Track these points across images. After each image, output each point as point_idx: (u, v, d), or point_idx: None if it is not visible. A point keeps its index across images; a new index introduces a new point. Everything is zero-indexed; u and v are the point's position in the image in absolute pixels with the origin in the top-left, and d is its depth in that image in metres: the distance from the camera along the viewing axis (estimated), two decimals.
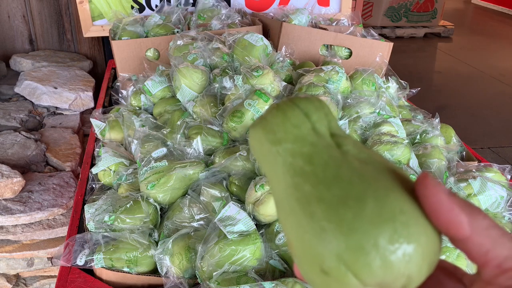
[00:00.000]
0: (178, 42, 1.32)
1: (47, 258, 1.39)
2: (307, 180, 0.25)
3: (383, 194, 0.23)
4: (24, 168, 1.50)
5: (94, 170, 1.03)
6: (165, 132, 1.05)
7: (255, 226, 0.79)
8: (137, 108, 1.27)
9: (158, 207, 0.91)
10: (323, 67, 1.14)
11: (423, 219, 0.24)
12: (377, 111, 1.05)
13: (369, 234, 0.22)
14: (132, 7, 1.81)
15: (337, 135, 0.27)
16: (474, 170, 0.96)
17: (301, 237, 0.24)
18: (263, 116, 0.29)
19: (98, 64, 2.31)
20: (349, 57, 1.45)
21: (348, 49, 1.45)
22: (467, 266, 0.77)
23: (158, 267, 0.80)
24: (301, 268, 0.25)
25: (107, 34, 1.70)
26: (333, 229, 0.23)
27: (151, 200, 0.89)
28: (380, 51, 1.44)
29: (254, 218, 0.83)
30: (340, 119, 1.01)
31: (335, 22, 1.64)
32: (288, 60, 1.28)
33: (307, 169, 0.26)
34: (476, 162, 1.08)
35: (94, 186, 1.03)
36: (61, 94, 1.84)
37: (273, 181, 0.28)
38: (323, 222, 0.23)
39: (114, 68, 1.68)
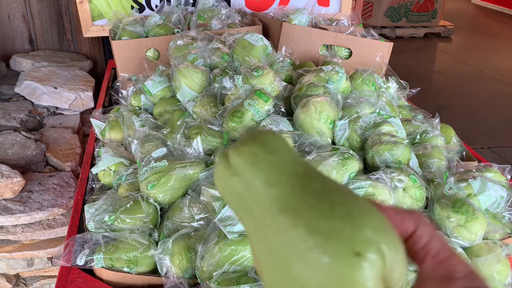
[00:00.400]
0: (178, 42, 1.32)
1: (47, 258, 1.39)
2: (315, 179, 0.29)
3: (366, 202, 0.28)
4: (24, 168, 1.50)
5: (94, 170, 1.03)
6: (165, 132, 1.05)
7: None
8: (137, 108, 1.27)
9: (158, 207, 0.91)
10: (323, 67, 1.14)
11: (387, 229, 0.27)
12: (377, 111, 1.05)
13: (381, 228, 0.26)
14: (132, 7, 1.81)
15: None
16: (474, 170, 0.96)
17: (328, 226, 0.26)
18: (246, 140, 0.31)
19: (98, 64, 2.31)
20: (349, 57, 1.45)
21: (348, 49, 1.45)
22: None
23: (158, 267, 0.80)
24: (330, 260, 0.26)
25: (107, 34, 1.70)
26: (365, 212, 0.27)
27: (151, 200, 0.89)
28: (380, 51, 1.44)
29: None
30: (340, 119, 1.01)
31: (335, 22, 1.64)
32: (288, 60, 1.28)
33: (311, 173, 0.29)
34: (476, 162, 1.08)
35: (94, 186, 1.03)
36: (61, 94, 1.84)
37: (269, 189, 0.29)
38: (349, 208, 0.27)
39: (114, 68, 1.68)
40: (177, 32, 1.53)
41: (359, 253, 0.25)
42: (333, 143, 1.03)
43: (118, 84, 1.46)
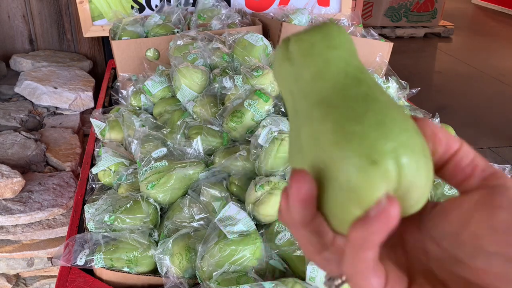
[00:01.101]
0: (178, 42, 1.32)
1: (47, 258, 1.39)
2: (362, 84, 0.28)
3: (404, 117, 0.27)
4: (24, 168, 1.50)
5: (94, 170, 1.03)
6: (165, 132, 1.05)
7: (255, 226, 0.79)
8: (137, 108, 1.27)
9: (158, 207, 0.91)
10: None
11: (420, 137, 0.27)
12: None
13: (414, 138, 0.26)
14: (132, 7, 1.81)
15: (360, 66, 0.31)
16: None
17: (351, 129, 0.26)
18: (313, 27, 0.30)
19: (98, 64, 2.31)
20: None
21: None
22: None
23: (158, 267, 0.80)
24: (337, 165, 0.26)
25: (107, 34, 1.70)
26: (391, 124, 0.25)
27: (151, 200, 0.89)
28: (380, 51, 1.44)
29: (254, 218, 0.83)
30: None
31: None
32: None
33: (361, 76, 0.28)
34: None
35: (94, 186, 1.03)
36: (61, 94, 1.84)
37: (316, 82, 0.29)
38: (381, 117, 0.26)
39: (114, 68, 1.68)
40: (177, 32, 1.53)
41: (375, 161, 0.24)
42: None
43: (118, 84, 1.46)
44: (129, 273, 0.79)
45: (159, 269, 0.79)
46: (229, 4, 1.87)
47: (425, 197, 0.26)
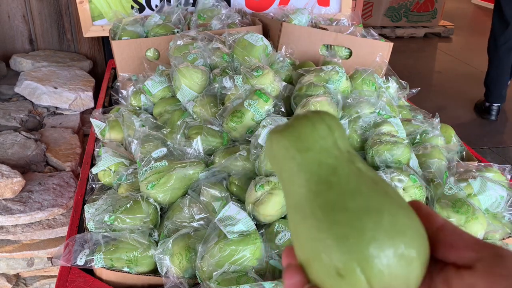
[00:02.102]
0: (178, 42, 1.32)
1: (47, 258, 1.39)
2: (332, 189, 0.28)
3: (395, 209, 0.27)
4: (24, 168, 1.50)
5: (94, 170, 1.03)
6: (165, 132, 1.05)
7: (255, 226, 0.79)
8: (137, 108, 1.27)
9: (158, 207, 0.91)
10: (323, 67, 1.14)
11: (422, 232, 0.28)
12: (377, 111, 1.05)
13: (385, 245, 0.26)
14: (132, 7, 1.81)
15: (350, 153, 0.30)
16: (474, 170, 0.96)
17: (319, 241, 0.27)
18: (290, 124, 0.31)
19: (98, 64, 2.31)
20: (349, 57, 1.45)
21: (348, 49, 1.45)
22: None
23: (158, 267, 0.80)
24: (313, 270, 0.28)
25: (107, 34, 1.70)
26: (355, 237, 0.26)
27: (151, 200, 0.89)
28: (380, 51, 1.43)
29: (254, 218, 0.83)
30: (340, 119, 1.01)
31: (335, 22, 1.64)
32: (288, 60, 1.27)
33: (332, 179, 0.28)
34: (476, 162, 1.08)
35: (94, 186, 1.03)
36: (61, 94, 1.84)
37: (291, 186, 0.31)
38: (346, 229, 0.26)
39: (114, 68, 1.68)
40: (177, 32, 1.53)
41: (342, 275, 0.26)
42: None
43: (118, 84, 1.46)
44: (129, 273, 0.79)
45: (159, 269, 0.79)
46: (229, 4, 1.87)
47: (413, 285, 0.27)
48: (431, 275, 0.29)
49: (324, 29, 1.51)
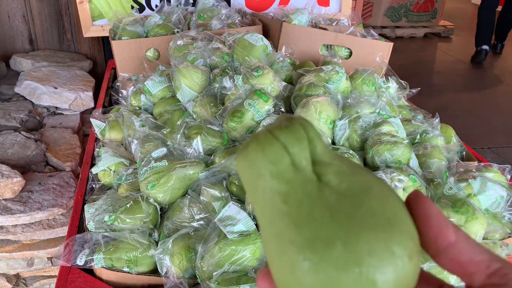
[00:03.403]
0: (178, 42, 1.32)
1: (47, 258, 1.39)
2: (282, 219, 0.26)
3: (353, 236, 0.24)
4: (24, 168, 1.50)
5: (94, 170, 1.03)
6: (165, 132, 1.05)
7: (255, 226, 0.79)
8: (137, 108, 1.27)
9: (158, 207, 0.91)
10: (323, 67, 1.14)
11: (394, 256, 0.24)
12: (377, 111, 1.05)
13: (333, 279, 0.23)
14: (132, 7, 1.81)
15: (320, 163, 0.27)
16: (474, 170, 0.96)
17: (275, 268, 0.26)
18: (246, 145, 0.28)
19: (98, 64, 2.31)
20: (349, 57, 1.45)
21: (348, 49, 1.45)
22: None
23: (158, 267, 0.80)
24: None
25: (107, 34, 1.70)
26: (301, 270, 0.24)
27: (151, 200, 0.89)
28: (380, 51, 1.43)
29: (254, 218, 0.83)
30: (340, 119, 1.01)
31: (335, 22, 1.64)
32: (288, 60, 1.27)
33: (283, 208, 0.26)
34: (476, 162, 1.08)
35: (94, 186, 1.03)
36: (61, 94, 1.84)
37: (256, 208, 0.29)
38: (293, 262, 0.24)
39: (114, 68, 1.68)
40: (177, 32, 1.53)
41: None
42: (333, 143, 1.03)
43: (118, 84, 1.46)
44: (129, 273, 0.79)
45: (159, 269, 0.79)
46: (229, 4, 1.87)
47: None
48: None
49: (324, 29, 1.51)
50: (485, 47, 4.21)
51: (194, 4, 1.83)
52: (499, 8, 4.47)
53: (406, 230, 0.25)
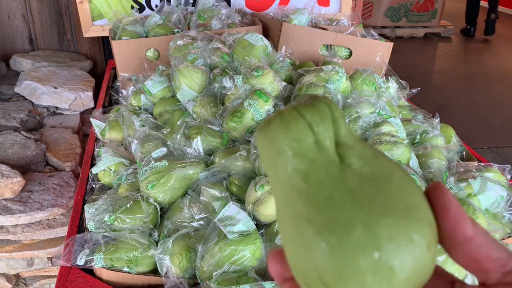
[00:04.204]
0: (178, 42, 1.32)
1: (47, 258, 1.39)
2: (301, 198, 0.25)
3: (373, 220, 0.23)
4: (24, 168, 1.50)
5: (94, 170, 1.03)
6: (165, 132, 1.05)
7: (255, 226, 0.79)
8: (137, 108, 1.27)
9: (158, 207, 0.91)
10: (323, 67, 1.14)
11: (413, 243, 0.24)
12: (377, 111, 1.05)
13: (351, 261, 0.23)
14: (132, 7, 1.81)
15: (343, 145, 0.27)
16: (474, 170, 0.96)
17: (290, 248, 0.26)
18: (268, 122, 0.28)
19: (98, 64, 2.31)
20: (349, 57, 1.45)
21: (348, 49, 1.45)
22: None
23: (158, 267, 0.80)
24: (293, 272, 0.27)
25: (107, 34, 1.70)
26: (318, 251, 0.24)
27: (151, 200, 0.89)
28: (380, 51, 1.44)
29: (254, 218, 0.83)
30: None
31: (335, 22, 1.64)
32: (288, 60, 1.28)
33: (302, 187, 0.26)
34: (476, 162, 1.08)
35: (94, 186, 1.03)
36: (61, 94, 1.84)
37: (274, 187, 0.28)
38: (310, 242, 0.24)
39: (114, 68, 1.68)
40: (177, 32, 1.53)
41: (309, 285, 0.25)
42: None
43: (118, 84, 1.46)
44: (129, 273, 0.79)
45: (159, 269, 0.79)
46: (229, 4, 1.87)
47: None
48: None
49: (324, 29, 1.51)
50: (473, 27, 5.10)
51: (194, 4, 1.83)
52: None
53: (426, 219, 0.25)
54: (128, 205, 0.86)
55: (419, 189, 0.26)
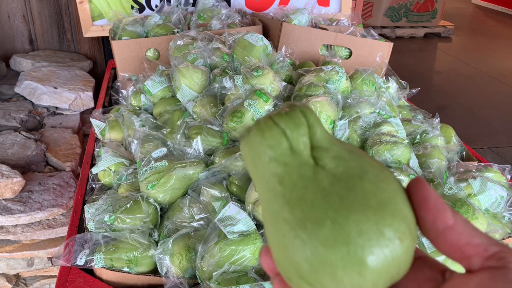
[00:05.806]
0: (178, 42, 1.32)
1: (47, 258, 1.39)
2: (277, 199, 0.27)
3: (342, 216, 0.25)
4: (24, 168, 1.50)
5: (94, 170, 1.03)
6: (165, 132, 1.05)
7: (255, 226, 0.79)
8: (137, 108, 1.27)
9: (158, 207, 0.91)
10: (323, 67, 1.14)
11: (384, 237, 0.25)
12: (377, 111, 1.05)
13: (321, 256, 0.25)
14: (132, 7, 1.81)
15: (318, 148, 0.28)
16: (474, 170, 0.96)
17: (272, 246, 0.28)
18: (248, 130, 0.30)
19: (98, 64, 2.31)
20: (349, 57, 1.45)
21: (348, 49, 1.45)
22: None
23: (158, 267, 0.80)
24: (277, 267, 0.29)
25: (107, 34, 1.70)
26: (293, 247, 0.26)
27: (151, 200, 0.89)
28: (380, 51, 1.44)
29: (254, 218, 0.83)
30: (340, 119, 1.01)
31: (335, 22, 1.64)
32: (288, 60, 1.28)
33: (278, 189, 0.27)
34: (476, 162, 1.08)
35: (94, 186, 1.03)
36: (61, 94, 1.84)
37: (258, 191, 0.31)
38: (286, 240, 0.26)
39: (114, 68, 1.68)
40: (177, 32, 1.53)
41: (289, 278, 0.27)
42: None
43: (118, 84, 1.46)
44: (129, 273, 0.79)
45: (159, 269, 0.79)
46: (229, 4, 1.87)
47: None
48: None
49: (324, 29, 1.51)
50: None
51: (194, 4, 1.83)
52: None
53: (399, 213, 0.26)
54: (128, 205, 0.86)
55: (396, 185, 0.27)
